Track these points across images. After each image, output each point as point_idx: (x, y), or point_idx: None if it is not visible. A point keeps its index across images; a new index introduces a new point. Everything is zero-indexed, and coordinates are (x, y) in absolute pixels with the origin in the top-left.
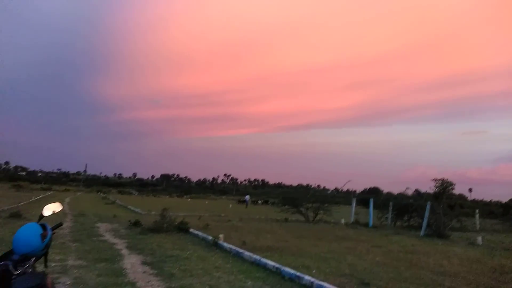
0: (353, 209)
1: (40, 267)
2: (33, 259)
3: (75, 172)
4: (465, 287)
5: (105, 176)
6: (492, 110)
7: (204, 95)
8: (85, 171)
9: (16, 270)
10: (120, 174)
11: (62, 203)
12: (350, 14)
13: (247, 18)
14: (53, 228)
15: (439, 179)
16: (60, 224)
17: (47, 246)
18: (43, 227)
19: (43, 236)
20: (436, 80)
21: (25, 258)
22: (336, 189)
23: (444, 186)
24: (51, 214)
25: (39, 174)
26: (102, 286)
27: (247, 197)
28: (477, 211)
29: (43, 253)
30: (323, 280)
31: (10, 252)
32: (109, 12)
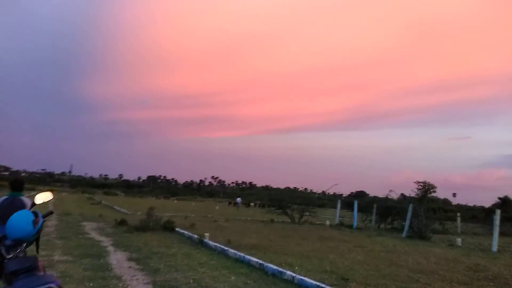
0: (338, 211)
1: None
2: (25, 244)
3: (60, 172)
4: (440, 283)
5: (90, 177)
6: (476, 116)
7: (193, 95)
8: (70, 171)
9: (9, 254)
10: (106, 175)
11: (52, 193)
12: (340, 18)
13: (238, 20)
14: (44, 216)
15: (421, 182)
16: (51, 212)
17: (38, 232)
18: (35, 214)
19: (35, 223)
20: (424, 85)
21: (17, 243)
22: (323, 192)
23: (426, 189)
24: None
25: (23, 174)
26: (88, 279)
27: (239, 199)
28: (458, 214)
29: (34, 239)
30: (304, 276)
31: (3, 238)
32: (96, 8)
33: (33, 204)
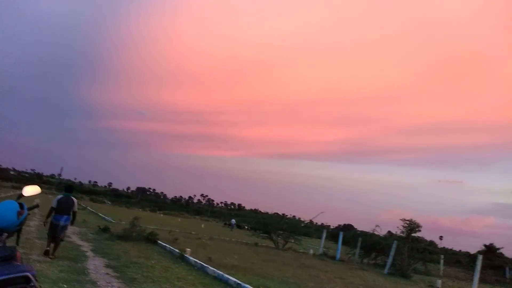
0: (323, 240)
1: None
2: (6, 234)
3: (49, 174)
4: None
5: (79, 182)
6: (470, 161)
7: (194, 112)
8: (60, 174)
9: None
10: (95, 182)
11: (40, 187)
12: (342, 54)
13: (247, 46)
14: (30, 208)
15: (407, 220)
16: (37, 206)
17: (21, 224)
18: (21, 205)
19: (19, 214)
20: (421, 126)
21: None
22: (310, 221)
23: (411, 227)
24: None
25: (12, 172)
26: (63, 281)
27: (233, 220)
28: (442, 257)
29: (16, 230)
30: None
31: None
32: (112, 17)
33: (20, 196)
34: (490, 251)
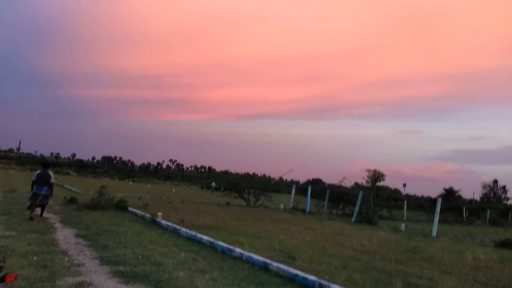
0: (292, 195)
1: None
2: None
3: (7, 149)
4: (379, 261)
5: (41, 155)
6: (428, 112)
7: (156, 76)
8: (18, 148)
9: None
10: (57, 153)
11: None
12: (303, 10)
13: (206, 3)
14: None
15: (371, 170)
16: None
17: None
18: None
19: None
20: (382, 80)
21: None
22: (280, 178)
23: (376, 177)
24: None
25: None
26: (32, 253)
27: (213, 183)
28: (405, 202)
29: None
30: (253, 253)
31: None
32: None
33: None
34: (449, 194)
